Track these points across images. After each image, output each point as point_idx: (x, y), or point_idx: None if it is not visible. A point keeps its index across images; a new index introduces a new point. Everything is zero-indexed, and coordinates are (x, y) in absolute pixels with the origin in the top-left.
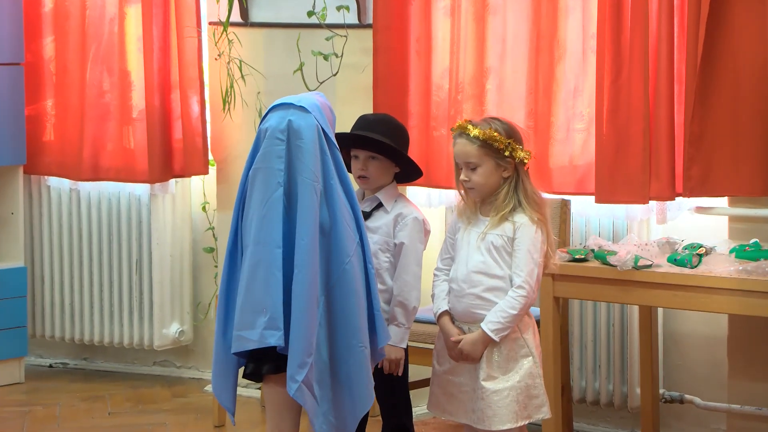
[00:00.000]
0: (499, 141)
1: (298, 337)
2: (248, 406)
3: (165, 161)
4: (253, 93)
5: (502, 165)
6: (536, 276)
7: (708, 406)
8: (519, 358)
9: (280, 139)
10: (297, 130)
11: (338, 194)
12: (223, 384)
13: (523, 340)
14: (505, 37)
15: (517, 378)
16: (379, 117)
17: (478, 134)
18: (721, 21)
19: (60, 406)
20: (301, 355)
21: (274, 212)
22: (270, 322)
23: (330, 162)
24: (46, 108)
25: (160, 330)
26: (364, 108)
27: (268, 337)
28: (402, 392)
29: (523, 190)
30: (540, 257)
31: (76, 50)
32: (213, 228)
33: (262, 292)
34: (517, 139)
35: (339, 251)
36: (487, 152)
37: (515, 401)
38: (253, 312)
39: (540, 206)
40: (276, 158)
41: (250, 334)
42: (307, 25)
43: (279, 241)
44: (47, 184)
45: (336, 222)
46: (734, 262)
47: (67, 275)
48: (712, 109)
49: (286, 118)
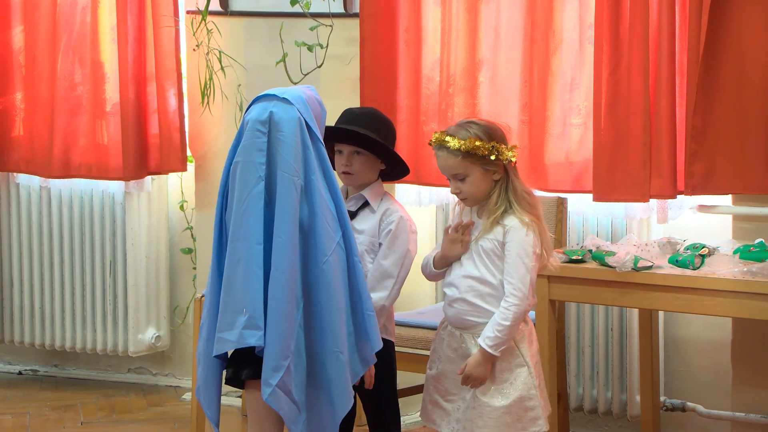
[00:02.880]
0: (481, 148)
1: (273, 339)
2: (228, 415)
3: (140, 157)
4: (234, 85)
5: (490, 169)
6: (529, 281)
7: (711, 414)
8: (513, 368)
9: (261, 131)
10: (278, 122)
11: (319, 191)
12: (208, 393)
13: (517, 350)
14: (498, 26)
15: (511, 390)
16: (365, 110)
17: (459, 145)
18: (725, 9)
19: (29, 415)
20: (275, 358)
21: (254, 207)
22: (249, 321)
23: (312, 157)
24: (15, 101)
25: (135, 335)
26: (351, 101)
27: (247, 337)
28: (390, 400)
29: (513, 190)
30: (532, 261)
31: (46, 40)
32: (191, 228)
33: (242, 291)
34: (499, 138)
35: (317, 250)
36: (471, 161)
37: (507, 413)
38: (233, 312)
39: (532, 206)
40: (257, 151)
41: (229, 335)
42: (291, 14)
43: (259, 237)
44: (16, 182)
45: (315, 219)
46: (738, 263)
47: (37, 278)
48: (715, 102)
49: (268, 110)
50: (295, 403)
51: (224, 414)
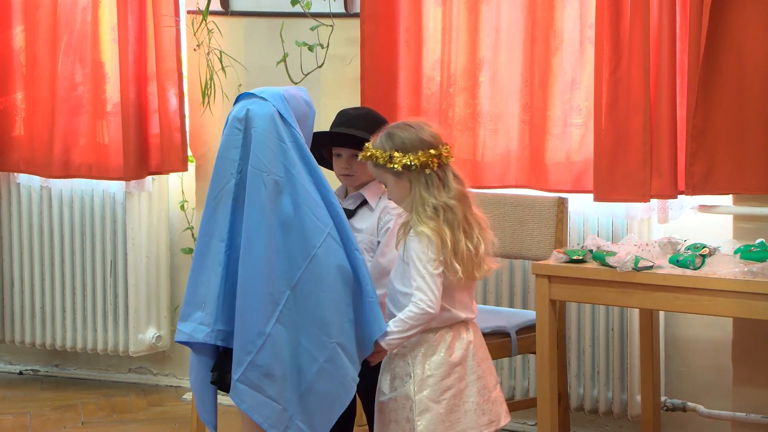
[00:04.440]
0: (377, 157)
1: (237, 334)
2: (228, 415)
3: (141, 157)
4: (234, 85)
5: (400, 176)
6: (426, 288)
7: (711, 414)
8: (401, 376)
9: (237, 128)
10: (252, 119)
11: (302, 184)
12: (201, 393)
13: (408, 359)
14: (498, 26)
15: (390, 392)
16: (361, 112)
17: (362, 155)
18: (725, 9)
19: (30, 415)
20: (238, 353)
21: (223, 203)
22: (205, 317)
23: (290, 150)
24: (15, 101)
25: (136, 335)
26: (351, 101)
27: (198, 332)
28: None
29: (417, 198)
30: (432, 268)
31: (46, 40)
32: (192, 228)
33: (203, 287)
34: (402, 146)
35: (304, 244)
36: (381, 169)
37: (379, 413)
38: (193, 305)
39: (430, 218)
40: (232, 148)
41: (185, 326)
42: (291, 14)
43: (223, 235)
44: (16, 182)
45: (299, 212)
46: (739, 263)
47: (37, 278)
48: (716, 102)
49: (246, 107)
50: (270, 398)
51: (224, 414)
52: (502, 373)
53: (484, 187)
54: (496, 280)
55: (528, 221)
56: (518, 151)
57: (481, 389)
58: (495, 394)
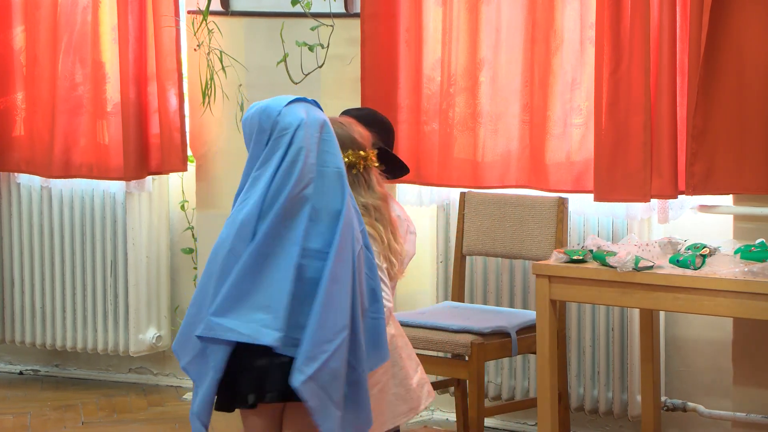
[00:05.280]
0: None
1: (316, 330)
2: (228, 415)
3: (141, 157)
4: (234, 85)
5: None
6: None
7: (712, 414)
8: None
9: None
10: (326, 124)
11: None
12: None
13: None
14: (499, 26)
15: None
16: (362, 112)
17: None
18: (726, 9)
19: (30, 415)
20: (312, 349)
21: (298, 207)
22: (271, 321)
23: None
24: (16, 101)
25: (136, 335)
26: (351, 101)
27: (264, 335)
28: None
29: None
30: (379, 262)
31: (47, 40)
32: (192, 228)
33: (267, 289)
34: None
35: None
36: None
37: None
38: (244, 303)
39: (363, 214)
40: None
41: (230, 323)
42: (292, 14)
43: (298, 238)
44: (17, 182)
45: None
46: (739, 263)
47: (38, 277)
48: (716, 102)
49: (318, 113)
50: (332, 401)
51: (225, 414)
52: (502, 373)
53: (484, 187)
54: (496, 280)
55: (528, 221)
56: (518, 151)
57: (402, 379)
58: (416, 379)
